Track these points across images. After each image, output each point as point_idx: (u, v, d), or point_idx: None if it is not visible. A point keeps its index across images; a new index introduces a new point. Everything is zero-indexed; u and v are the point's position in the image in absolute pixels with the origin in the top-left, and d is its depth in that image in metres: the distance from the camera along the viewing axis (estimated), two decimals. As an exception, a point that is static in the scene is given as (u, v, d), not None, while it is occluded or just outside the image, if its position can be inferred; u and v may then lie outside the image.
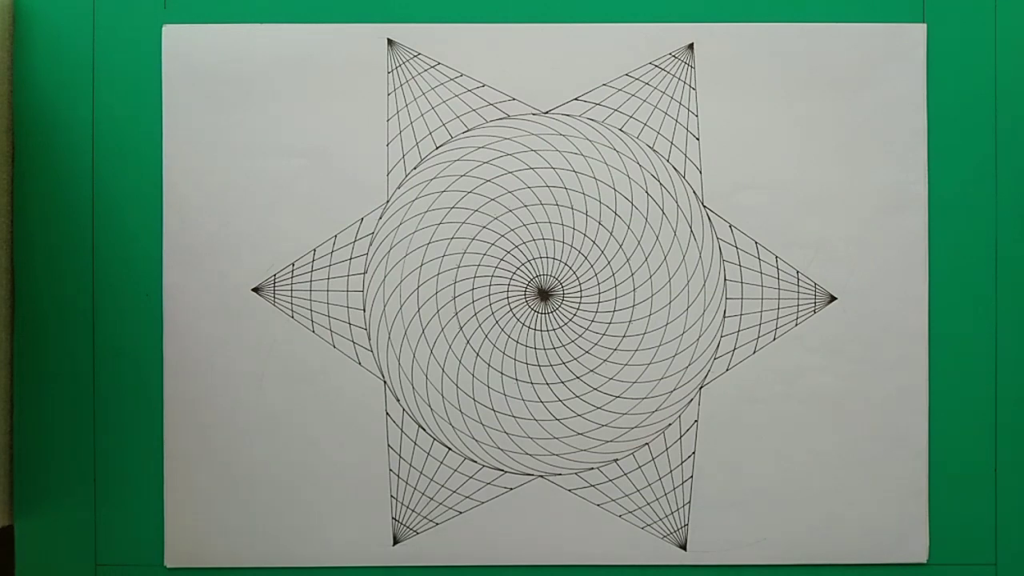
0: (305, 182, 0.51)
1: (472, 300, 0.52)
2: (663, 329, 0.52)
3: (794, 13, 0.52)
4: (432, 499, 0.51)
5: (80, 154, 0.52)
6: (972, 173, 0.52)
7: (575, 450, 0.52)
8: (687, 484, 0.52)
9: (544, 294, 0.52)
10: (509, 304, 0.52)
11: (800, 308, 0.52)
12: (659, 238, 0.52)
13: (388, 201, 0.52)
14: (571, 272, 0.52)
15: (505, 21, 0.52)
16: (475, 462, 0.52)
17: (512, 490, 0.52)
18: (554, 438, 0.52)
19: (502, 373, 0.52)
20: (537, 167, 0.52)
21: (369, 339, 0.52)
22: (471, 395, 0.52)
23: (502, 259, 0.52)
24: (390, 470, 0.52)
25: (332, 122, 0.52)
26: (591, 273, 0.52)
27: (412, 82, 0.52)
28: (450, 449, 0.52)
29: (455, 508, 0.52)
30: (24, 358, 0.52)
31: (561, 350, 0.52)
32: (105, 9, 0.52)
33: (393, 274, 0.52)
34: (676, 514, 0.52)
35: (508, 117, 0.52)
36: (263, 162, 0.51)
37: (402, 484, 0.51)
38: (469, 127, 0.52)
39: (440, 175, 0.52)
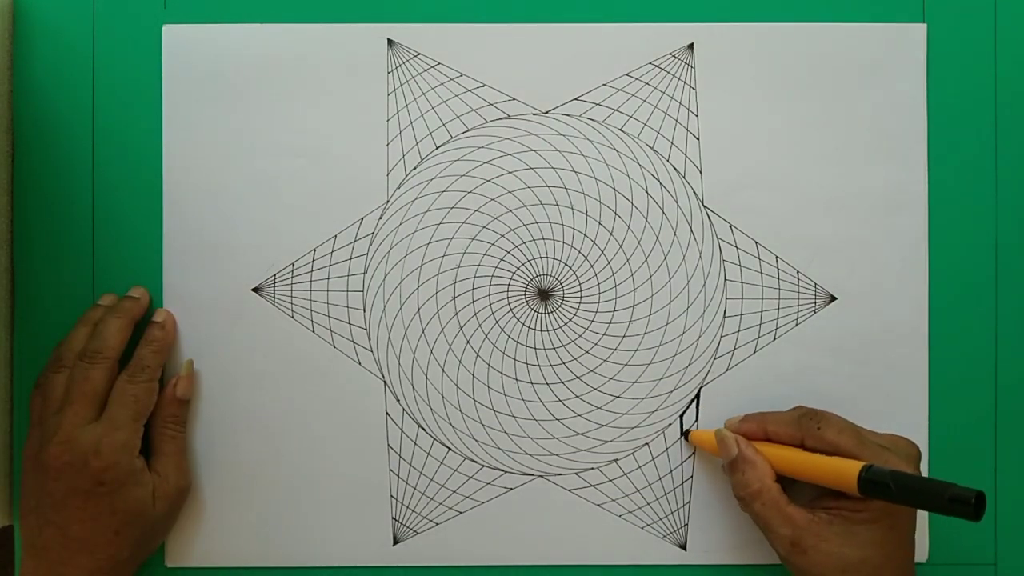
0: (305, 182, 0.51)
1: (472, 300, 0.52)
2: (663, 329, 0.52)
3: (794, 13, 0.52)
4: (432, 499, 0.51)
5: (80, 154, 0.52)
6: (972, 173, 0.52)
7: (575, 450, 0.52)
8: (687, 484, 0.52)
9: (544, 294, 0.52)
10: (509, 304, 0.52)
11: (800, 308, 0.52)
12: (659, 238, 0.52)
13: (388, 201, 0.52)
14: (571, 272, 0.52)
15: (505, 21, 0.52)
16: (475, 462, 0.52)
17: (512, 490, 0.52)
18: (554, 438, 0.52)
19: (502, 373, 0.52)
20: (537, 167, 0.52)
21: (369, 339, 0.52)
22: (471, 395, 0.52)
23: (502, 259, 0.52)
24: (390, 470, 0.52)
25: (332, 122, 0.52)
26: (591, 273, 0.52)
27: (412, 82, 0.52)
28: (450, 449, 0.52)
29: (455, 508, 0.52)
30: (24, 358, 0.52)
31: (561, 350, 0.52)
32: (105, 9, 0.52)
33: (393, 274, 0.52)
34: (676, 514, 0.52)
35: (508, 117, 0.52)
36: (263, 162, 0.51)
37: (402, 484, 0.51)
38: (469, 127, 0.52)
39: (440, 175, 0.52)
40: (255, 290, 0.52)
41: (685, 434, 0.51)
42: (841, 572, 0.44)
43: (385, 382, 0.52)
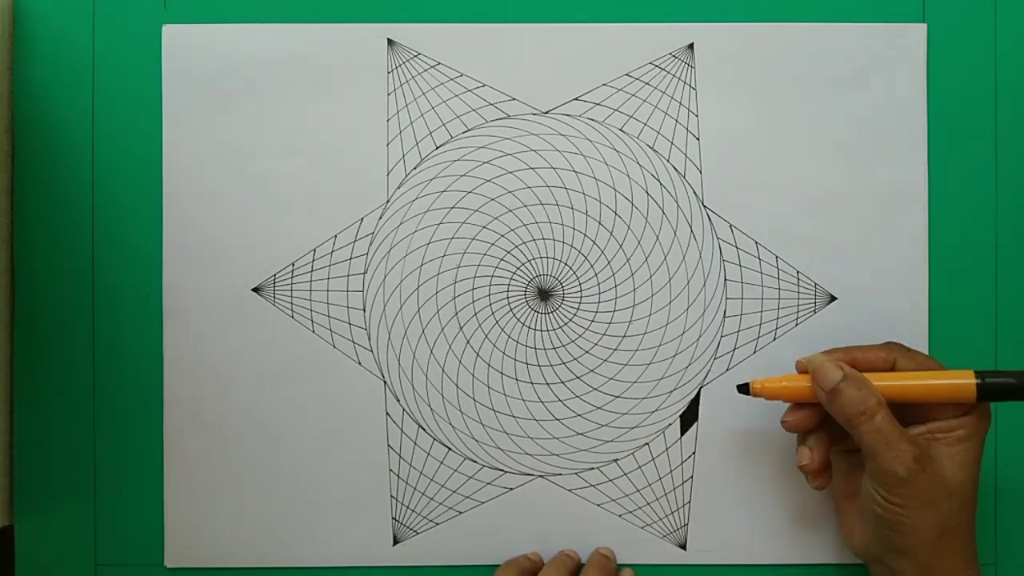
0: (305, 182, 0.51)
1: (472, 300, 0.52)
2: (663, 329, 0.52)
3: (794, 13, 0.52)
4: (432, 499, 0.51)
5: (80, 154, 0.52)
6: (972, 173, 0.52)
7: (575, 450, 0.52)
8: (687, 484, 0.52)
9: (544, 294, 0.52)
10: (509, 304, 0.52)
11: (800, 308, 0.52)
12: (659, 238, 0.52)
13: (388, 201, 0.52)
14: (571, 272, 0.52)
15: (505, 21, 0.52)
16: (475, 462, 0.52)
17: (512, 490, 0.52)
18: (554, 438, 0.52)
19: (502, 373, 0.52)
20: (537, 167, 0.52)
21: (369, 339, 0.52)
22: (471, 395, 0.52)
23: (502, 259, 0.52)
24: (390, 470, 0.52)
25: (332, 122, 0.52)
26: (591, 273, 0.52)
27: (412, 82, 0.52)
28: (450, 449, 0.52)
29: (455, 508, 0.52)
30: (24, 358, 0.52)
31: (561, 350, 0.52)
32: (105, 9, 0.52)
33: (393, 274, 0.52)
34: (676, 514, 0.52)
35: (508, 117, 0.52)
36: (263, 162, 0.51)
37: (402, 484, 0.51)
38: (469, 127, 0.52)
39: (440, 175, 0.52)
40: (255, 290, 0.52)
41: (744, 388, 0.47)
42: (948, 495, 0.43)
43: (385, 382, 0.52)
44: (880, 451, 0.43)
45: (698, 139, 0.52)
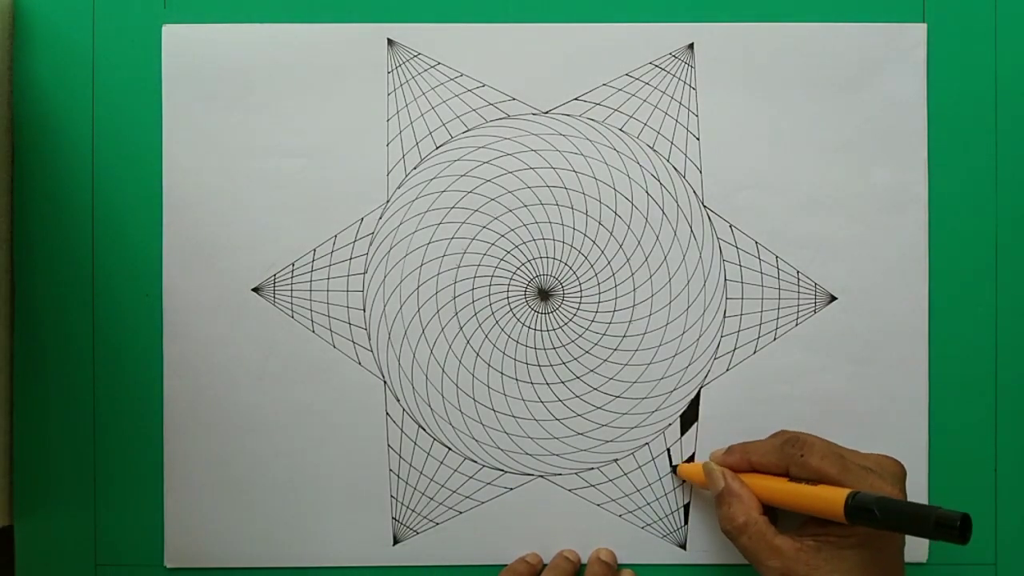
0: (305, 182, 0.51)
1: (472, 300, 0.52)
2: (663, 329, 0.52)
3: (794, 13, 0.52)
4: (432, 499, 0.51)
5: (80, 154, 0.52)
6: (972, 173, 0.52)
7: (575, 450, 0.52)
8: (687, 484, 0.52)
9: (544, 294, 0.52)
10: (509, 304, 0.52)
11: (800, 308, 0.52)
12: (659, 238, 0.52)
13: (388, 201, 0.52)
14: (571, 272, 0.52)
15: (505, 21, 0.52)
16: (475, 462, 0.52)
17: (512, 490, 0.52)
18: (554, 438, 0.52)
19: (502, 373, 0.52)
20: (537, 167, 0.52)
21: (369, 339, 0.52)
22: (471, 395, 0.52)
23: (502, 259, 0.52)
24: (390, 470, 0.52)
25: (332, 122, 0.52)
26: (591, 273, 0.52)
27: (412, 82, 0.52)
28: (450, 449, 0.52)
29: (455, 508, 0.52)
30: (24, 358, 0.52)
31: (561, 350, 0.52)
32: (105, 9, 0.52)
33: (393, 274, 0.52)
34: (676, 514, 0.52)
35: (508, 117, 0.52)
36: (263, 162, 0.51)
37: (402, 484, 0.51)
38: (469, 127, 0.52)
39: (440, 175, 0.52)
40: (255, 290, 0.52)
41: (674, 468, 0.51)
42: None
43: (385, 382, 0.52)
44: (753, 563, 0.46)
45: (698, 139, 0.52)
